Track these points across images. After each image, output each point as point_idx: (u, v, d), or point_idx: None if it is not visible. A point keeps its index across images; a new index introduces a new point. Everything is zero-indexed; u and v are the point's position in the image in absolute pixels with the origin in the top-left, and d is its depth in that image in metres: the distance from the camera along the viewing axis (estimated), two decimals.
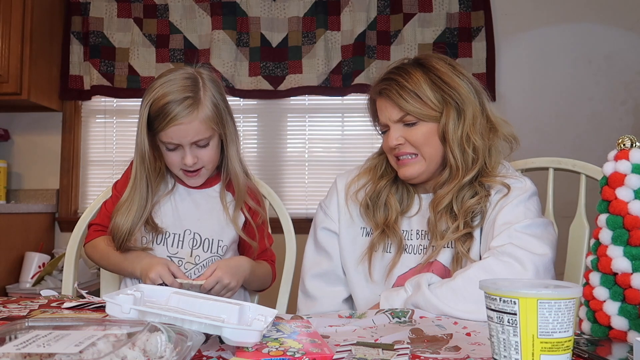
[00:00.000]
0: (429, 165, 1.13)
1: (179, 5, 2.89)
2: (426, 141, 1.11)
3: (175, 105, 1.18)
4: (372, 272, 1.16)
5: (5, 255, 2.51)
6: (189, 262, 1.24)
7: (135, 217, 1.21)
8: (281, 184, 2.86)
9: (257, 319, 0.74)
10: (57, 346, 0.53)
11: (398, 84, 1.11)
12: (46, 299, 1.04)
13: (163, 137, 1.20)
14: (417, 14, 2.80)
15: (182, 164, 1.22)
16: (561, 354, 0.55)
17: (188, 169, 1.24)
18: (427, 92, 1.10)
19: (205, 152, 1.24)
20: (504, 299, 0.56)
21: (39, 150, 2.94)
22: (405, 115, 1.11)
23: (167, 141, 1.20)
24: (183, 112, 1.19)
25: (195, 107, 1.21)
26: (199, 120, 1.21)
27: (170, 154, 1.23)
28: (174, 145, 1.21)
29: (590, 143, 2.63)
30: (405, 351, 0.69)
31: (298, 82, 2.82)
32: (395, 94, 1.11)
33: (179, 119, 1.18)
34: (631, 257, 0.71)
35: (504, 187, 1.08)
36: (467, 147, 1.09)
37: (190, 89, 1.20)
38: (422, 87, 1.10)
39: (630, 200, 0.73)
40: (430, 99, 1.10)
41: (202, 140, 1.22)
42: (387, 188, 1.19)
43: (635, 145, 0.75)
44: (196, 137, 1.20)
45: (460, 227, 1.07)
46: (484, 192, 1.09)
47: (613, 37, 2.74)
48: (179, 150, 1.22)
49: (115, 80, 2.87)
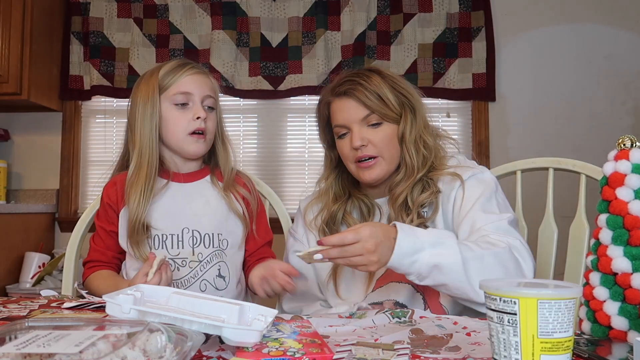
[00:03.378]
0: (389, 166, 1.17)
1: (179, 5, 2.89)
2: (389, 143, 1.16)
3: (188, 64, 1.25)
4: (340, 292, 1.18)
5: (5, 255, 2.51)
6: (193, 260, 1.21)
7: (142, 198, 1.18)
8: (281, 184, 2.86)
9: (257, 319, 0.74)
10: (57, 346, 0.53)
11: (361, 85, 1.15)
12: (46, 299, 1.04)
13: (175, 89, 1.21)
14: (417, 14, 2.80)
15: (192, 122, 1.21)
16: (561, 354, 0.55)
17: (198, 128, 1.22)
18: (388, 94, 1.15)
19: (212, 116, 1.26)
20: (504, 299, 0.56)
21: (39, 150, 2.94)
22: (370, 114, 1.15)
23: (181, 91, 1.21)
24: (196, 67, 1.25)
25: (205, 71, 1.27)
26: (210, 79, 1.27)
27: (178, 114, 1.22)
28: (185, 99, 1.21)
29: (590, 143, 2.63)
30: (405, 351, 0.69)
31: (298, 82, 2.82)
32: (361, 93, 1.14)
33: (195, 70, 1.23)
34: (631, 257, 0.71)
35: (453, 177, 1.14)
36: (421, 146, 1.15)
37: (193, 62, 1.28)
38: (383, 89, 1.15)
39: (630, 200, 0.73)
40: (390, 101, 1.15)
41: (210, 100, 1.25)
42: (341, 208, 1.22)
43: (635, 145, 0.75)
44: (208, 91, 1.24)
45: (414, 219, 1.11)
46: (435, 187, 1.14)
47: (613, 37, 2.74)
48: (187, 109, 1.22)
49: (115, 80, 2.87)
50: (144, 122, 1.22)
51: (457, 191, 1.13)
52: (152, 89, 1.22)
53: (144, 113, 1.22)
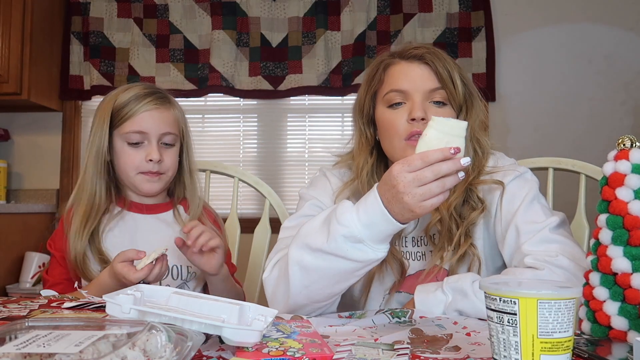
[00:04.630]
0: None
1: (179, 5, 2.89)
2: None
3: (148, 95, 1.15)
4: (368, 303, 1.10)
5: (5, 255, 2.51)
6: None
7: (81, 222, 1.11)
8: (281, 184, 2.86)
9: (257, 319, 0.74)
10: (57, 346, 0.53)
11: (440, 55, 1.04)
12: (46, 299, 1.04)
13: (129, 126, 1.12)
14: (417, 14, 2.80)
15: (145, 163, 1.14)
16: (561, 354, 0.55)
17: (150, 170, 1.15)
18: (458, 80, 1.04)
19: (170, 153, 1.18)
20: (504, 299, 0.56)
21: (39, 150, 2.94)
22: (440, 88, 1.03)
23: (134, 130, 1.13)
24: (156, 101, 1.15)
25: (168, 101, 1.18)
26: (171, 112, 1.17)
27: (131, 152, 1.15)
28: (139, 138, 1.14)
29: (590, 143, 2.63)
30: (405, 351, 0.69)
31: (298, 82, 2.82)
32: (439, 63, 1.02)
33: (153, 104, 1.14)
34: (631, 257, 0.71)
35: (495, 184, 1.03)
36: (476, 146, 1.06)
37: (158, 90, 1.19)
38: (455, 73, 1.04)
39: (630, 200, 0.73)
40: (459, 88, 1.04)
41: (170, 137, 1.17)
42: None
43: (635, 145, 0.75)
44: (166, 128, 1.15)
45: (461, 240, 1.01)
46: (481, 203, 1.03)
47: (613, 37, 2.74)
48: (142, 147, 1.15)
49: (115, 81, 2.87)
50: (90, 154, 1.16)
51: (498, 202, 1.03)
52: (103, 121, 1.14)
53: (92, 145, 1.16)
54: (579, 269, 0.88)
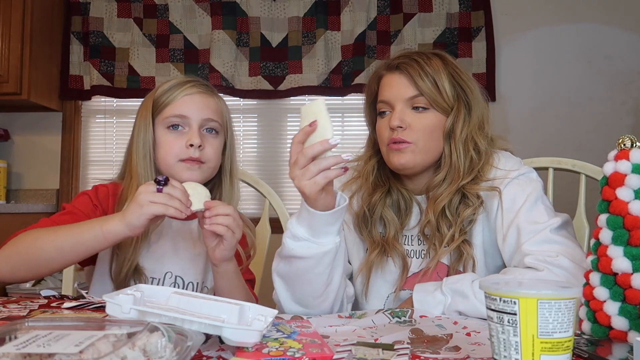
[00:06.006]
0: (423, 157, 1.06)
1: (179, 5, 2.89)
2: (430, 133, 1.05)
3: (190, 82, 1.10)
4: (369, 294, 1.11)
5: None
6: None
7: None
8: (281, 184, 2.86)
9: (257, 319, 0.74)
10: (57, 346, 0.53)
11: (417, 63, 1.06)
12: (46, 299, 1.04)
13: (170, 110, 1.06)
14: (417, 14, 2.80)
15: (185, 150, 1.06)
16: (561, 354, 0.55)
17: (191, 156, 1.07)
18: (445, 82, 1.06)
19: (213, 142, 1.09)
20: (504, 299, 0.56)
21: (39, 150, 2.94)
22: (419, 95, 1.05)
23: (174, 114, 1.06)
24: (199, 87, 1.10)
25: (211, 90, 1.12)
26: (215, 100, 1.11)
27: (171, 139, 1.07)
28: (179, 121, 1.07)
29: (590, 143, 2.63)
30: (405, 351, 0.69)
31: (298, 82, 2.82)
32: (415, 71, 1.05)
33: (195, 89, 1.08)
34: (631, 257, 0.71)
35: (492, 190, 1.04)
36: (471, 148, 1.06)
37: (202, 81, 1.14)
38: (441, 75, 1.06)
39: (630, 200, 0.73)
40: (446, 90, 1.05)
41: (213, 123, 1.09)
42: (382, 201, 1.11)
43: (636, 145, 0.75)
44: (209, 114, 1.08)
45: (455, 236, 1.03)
46: (477, 200, 1.04)
47: (613, 37, 2.74)
48: (183, 134, 1.08)
49: (115, 80, 2.87)
50: (137, 149, 1.09)
51: (498, 202, 1.03)
52: (146, 111, 1.09)
53: (137, 138, 1.10)
54: (579, 270, 0.88)
